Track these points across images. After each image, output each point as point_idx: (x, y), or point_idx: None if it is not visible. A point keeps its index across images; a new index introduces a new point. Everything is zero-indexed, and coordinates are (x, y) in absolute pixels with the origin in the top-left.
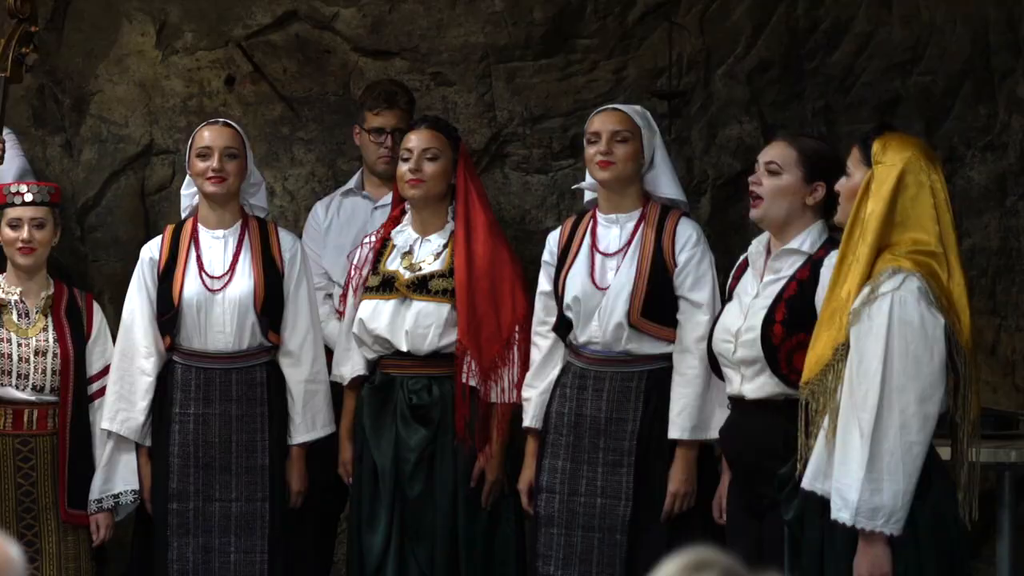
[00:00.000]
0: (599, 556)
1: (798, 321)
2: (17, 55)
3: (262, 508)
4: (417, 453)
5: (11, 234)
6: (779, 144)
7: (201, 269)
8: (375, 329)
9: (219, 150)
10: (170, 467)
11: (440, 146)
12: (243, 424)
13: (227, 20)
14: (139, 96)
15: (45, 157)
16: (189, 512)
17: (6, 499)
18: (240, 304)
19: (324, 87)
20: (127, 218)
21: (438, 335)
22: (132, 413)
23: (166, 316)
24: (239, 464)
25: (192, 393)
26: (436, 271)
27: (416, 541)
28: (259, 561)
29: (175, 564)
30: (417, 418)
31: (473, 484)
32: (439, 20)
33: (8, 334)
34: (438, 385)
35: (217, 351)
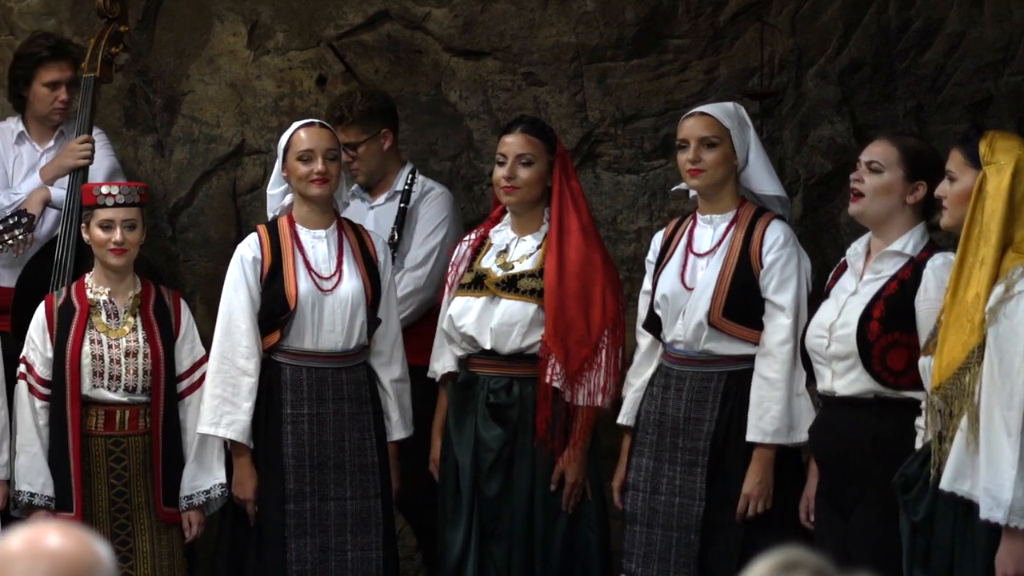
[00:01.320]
0: (676, 555)
1: (895, 320)
2: (107, 55)
3: (375, 505)
4: (495, 452)
5: (102, 235)
6: (881, 143)
7: (309, 269)
8: (462, 326)
9: (322, 152)
10: (285, 468)
11: (535, 151)
12: (354, 423)
13: (319, 20)
14: (230, 96)
15: (137, 157)
16: (306, 512)
17: (99, 499)
18: (352, 303)
19: (416, 87)
20: (218, 218)
21: (522, 335)
22: (238, 415)
23: (283, 316)
24: (352, 462)
25: (304, 393)
26: (526, 271)
27: (493, 540)
28: (375, 558)
29: (294, 565)
30: (495, 417)
31: (553, 487)
32: (531, 20)
33: (98, 335)
34: (520, 385)
35: (327, 351)
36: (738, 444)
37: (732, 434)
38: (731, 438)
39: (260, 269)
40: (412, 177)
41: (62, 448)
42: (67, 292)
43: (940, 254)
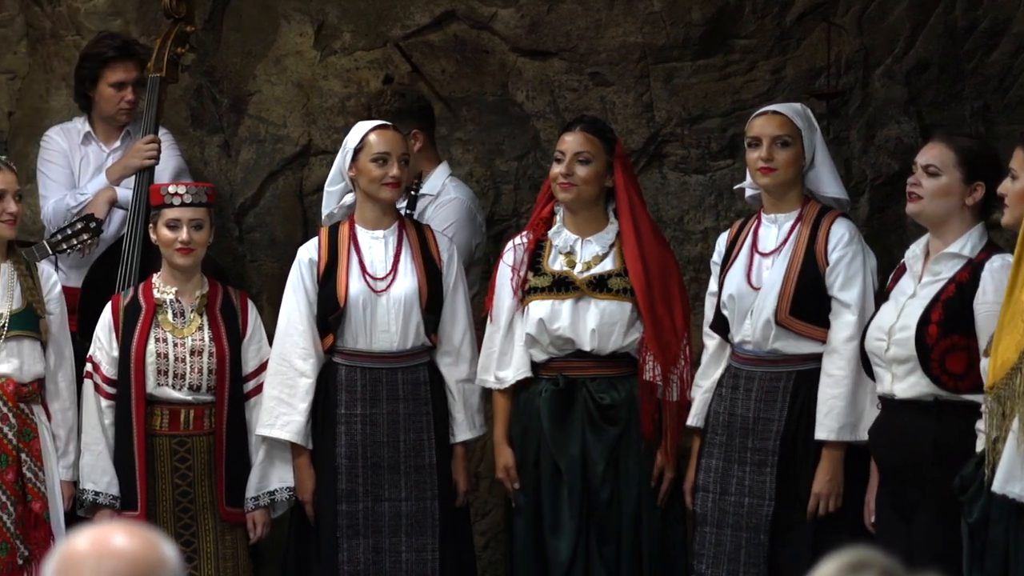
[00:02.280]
0: (746, 556)
1: (954, 323)
2: (172, 55)
3: (432, 507)
4: (607, 455)
5: (169, 235)
6: (936, 145)
7: (363, 270)
8: (557, 329)
9: (397, 156)
10: (338, 468)
11: (593, 149)
12: (410, 423)
13: (385, 20)
14: (297, 96)
15: (203, 157)
16: (359, 513)
17: (164, 499)
18: (405, 303)
19: (482, 87)
20: (285, 218)
21: (622, 334)
22: (293, 416)
23: (332, 317)
24: (407, 463)
25: (358, 394)
26: (611, 270)
27: (603, 543)
28: (430, 560)
29: (346, 566)
30: (606, 418)
31: (654, 483)
32: (597, 20)
33: (164, 334)
34: (621, 385)
35: (382, 351)
36: (807, 443)
37: (801, 433)
38: (800, 437)
39: (316, 270)
40: (418, 185)
41: (127, 447)
42: (134, 292)
43: (999, 256)
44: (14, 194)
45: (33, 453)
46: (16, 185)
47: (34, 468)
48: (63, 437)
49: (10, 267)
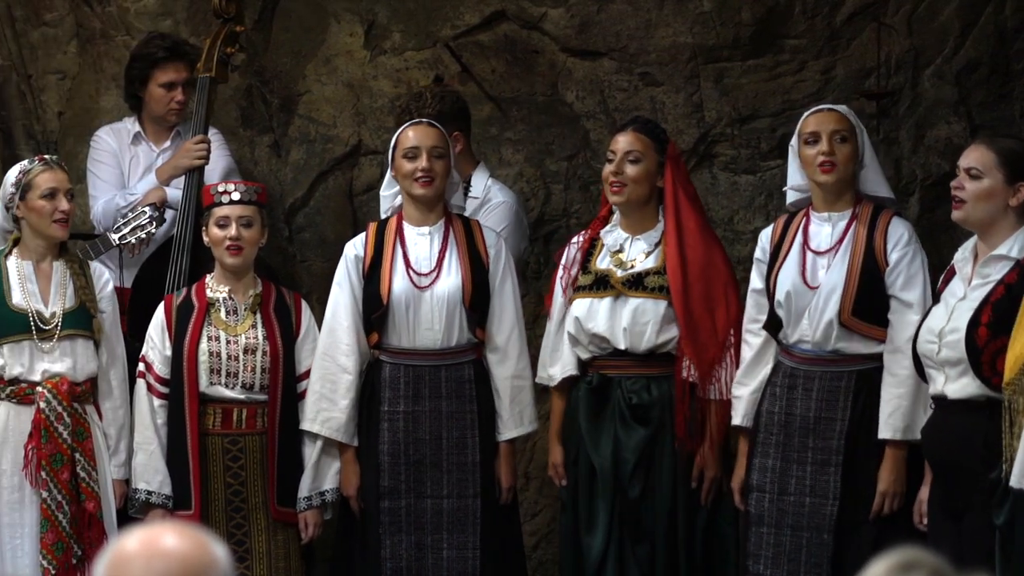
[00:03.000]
0: (807, 555)
1: (1003, 324)
2: (222, 55)
3: (474, 504)
4: (637, 453)
5: (219, 233)
6: (978, 148)
7: (408, 266)
8: (592, 327)
9: (427, 150)
10: (380, 465)
11: (643, 149)
12: (453, 421)
13: (435, 20)
14: (347, 96)
15: (253, 157)
16: (401, 510)
17: (216, 499)
18: (449, 300)
19: (532, 87)
20: (335, 218)
21: (655, 332)
22: (333, 412)
23: (375, 314)
24: (450, 461)
25: (401, 391)
26: (650, 268)
27: (636, 542)
28: (471, 557)
29: (388, 562)
30: (636, 418)
31: (694, 484)
32: (647, 20)
33: (216, 332)
34: (656, 384)
35: (426, 348)
36: (870, 442)
37: (863, 433)
38: (863, 437)
39: (362, 266)
40: (467, 188)
41: (180, 447)
42: (187, 291)
43: None
44: (66, 193)
45: (86, 452)
46: (68, 184)
47: (88, 467)
48: (115, 436)
49: (63, 266)
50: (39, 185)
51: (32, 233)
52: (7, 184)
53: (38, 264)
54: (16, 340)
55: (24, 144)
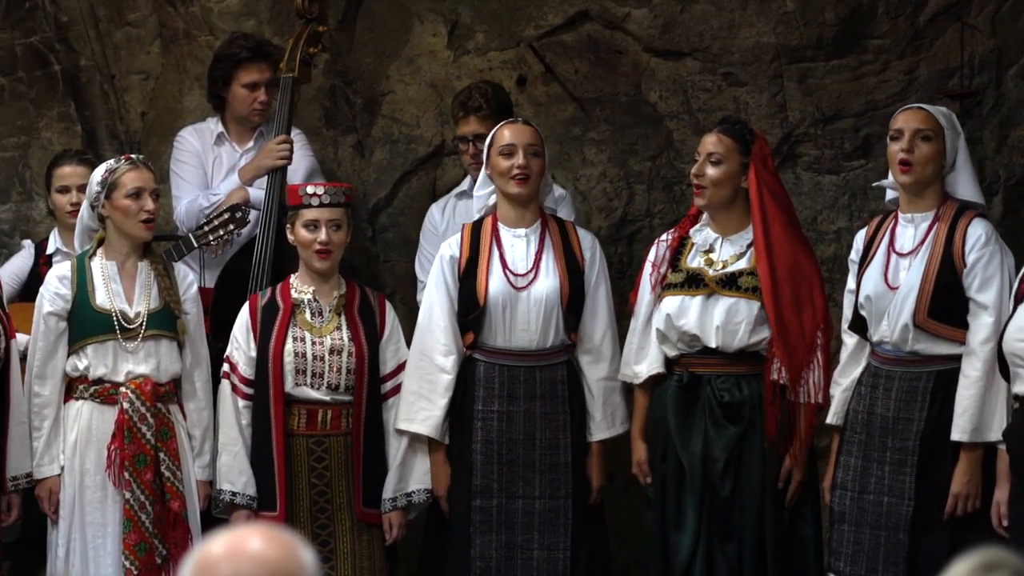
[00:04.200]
0: (884, 554)
1: None
2: (305, 55)
3: (565, 505)
4: (727, 452)
5: (307, 236)
6: None
7: (505, 267)
8: (683, 325)
9: (523, 147)
10: (473, 464)
11: (724, 150)
12: (547, 422)
13: (518, 20)
14: (430, 97)
15: (336, 158)
16: (492, 509)
17: (301, 499)
18: (546, 302)
19: (615, 87)
20: (418, 219)
21: (748, 332)
22: (432, 411)
23: (472, 315)
24: (543, 461)
25: (496, 390)
26: (744, 269)
27: (725, 540)
28: (562, 558)
29: (477, 561)
30: (727, 416)
31: (781, 484)
32: (730, 20)
33: (302, 333)
34: (745, 383)
35: (521, 349)
36: (946, 443)
37: (940, 434)
38: (939, 438)
39: (457, 266)
40: None
41: (265, 448)
42: (271, 292)
43: None
44: (151, 192)
45: (171, 452)
46: (153, 183)
47: (172, 467)
48: (199, 437)
49: (147, 267)
50: (125, 184)
51: (117, 233)
52: (93, 183)
53: (123, 264)
54: (100, 340)
55: (107, 144)
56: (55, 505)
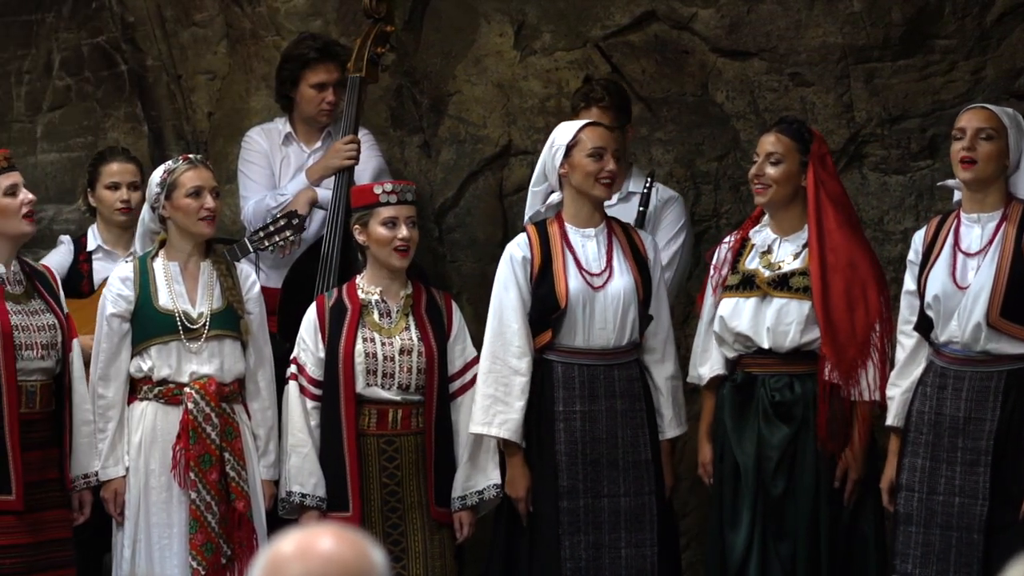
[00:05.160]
0: (956, 555)
1: None
2: (373, 55)
3: (649, 502)
4: (779, 451)
5: (386, 233)
6: None
7: (580, 267)
8: (736, 327)
9: (612, 152)
10: (558, 465)
11: (784, 150)
12: (627, 419)
13: (585, 21)
14: (497, 97)
15: (403, 158)
16: (579, 509)
17: (372, 499)
18: (623, 300)
19: (682, 88)
20: (485, 219)
21: (799, 332)
22: (510, 414)
23: (553, 315)
24: (626, 459)
25: (576, 391)
26: (796, 269)
27: (779, 539)
28: (649, 555)
29: (568, 563)
30: (780, 416)
31: (837, 484)
32: (797, 20)
33: (371, 334)
34: (799, 383)
35: (599, 348)
36: (1019, 443)
37: (1014, 433)
38: (1012, 437)
39: (530, 268)
40: (651, 181)
41: (336, 448)
42: (338, 293)
43: None
44: (211, 190)
45: (236, 452)
46: (213, 182)
47: (237, 467)
48: (264, 437)
49: (210, 267)
50: (184, 184)
51: (178, 233)
52: (152, 184)
53: (185, 265)
54: (164, 341)
55: (174, 144)
56: (120, 506)
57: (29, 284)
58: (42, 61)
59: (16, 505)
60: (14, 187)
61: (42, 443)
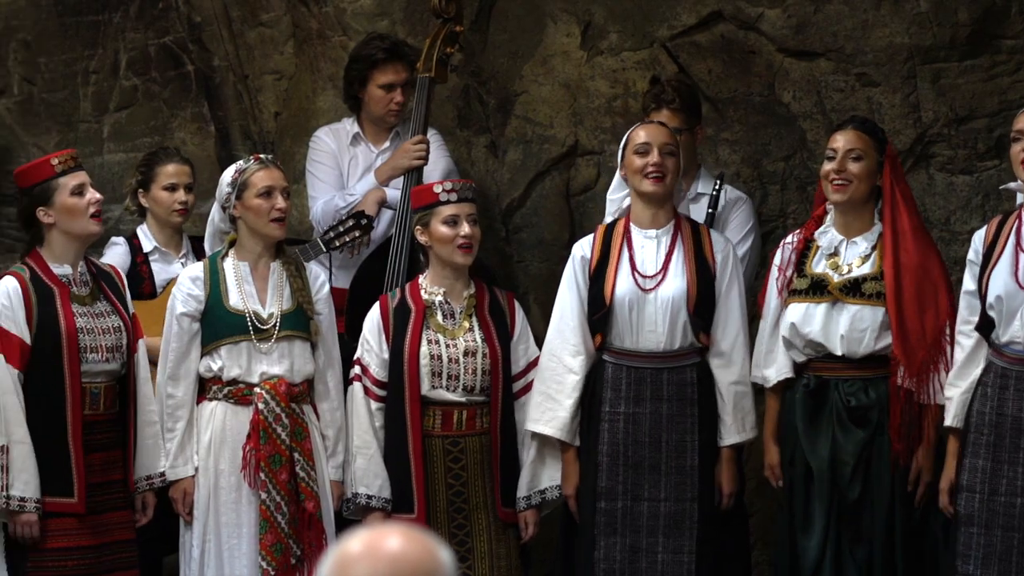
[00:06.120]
0: (1018, 556)
1: None
2: (442, 55)
3: (691, 508)
4: (855, 456)
5: (449, 232)
6: None
7: (633, 268)
8: (808, 333)
9: (658, 146)
10: (599, 466)
11: (865, 147)
12: (673, 424)
13: (652, 21)
14: (564, 97)
15: (470, 158)
16: (617, 511)
17: (438, 500)
18: (673, 304)
19: (749, 87)
20: (552, 219)
21: (873, 338)
22: (558, 412)
23: (598, 315)
24: (668, 464)
25: (622, 392)
26: (868, 274)
27: (854, 543)
28: (687, 562)
29: (601, 563)
30: (855, 420)
31: (910, 487)
32: (864, 20)
33: (435, 335)
34: (873, 387)
35: (648, 350)
36: None
37: None
38: None
39: (588, 267)
40: (720, 183)
41: (400, 449)
42: (401, 293)
43: None
44: (282, 191)
45: (305, 453)
46: (283, 182)
47: (307, 467)
48: (332, 437)
49: (280, 267)
50: (255, 184)
51: (249, 233)
52: (223, 184)
53: (255, 265)
54: (234, 341)
55: (241, 144)
56: (189, 506)
57: (95, 285)
58: (109, 61)
59: (78, 508)
60: (81, 187)
61: (105, 445)
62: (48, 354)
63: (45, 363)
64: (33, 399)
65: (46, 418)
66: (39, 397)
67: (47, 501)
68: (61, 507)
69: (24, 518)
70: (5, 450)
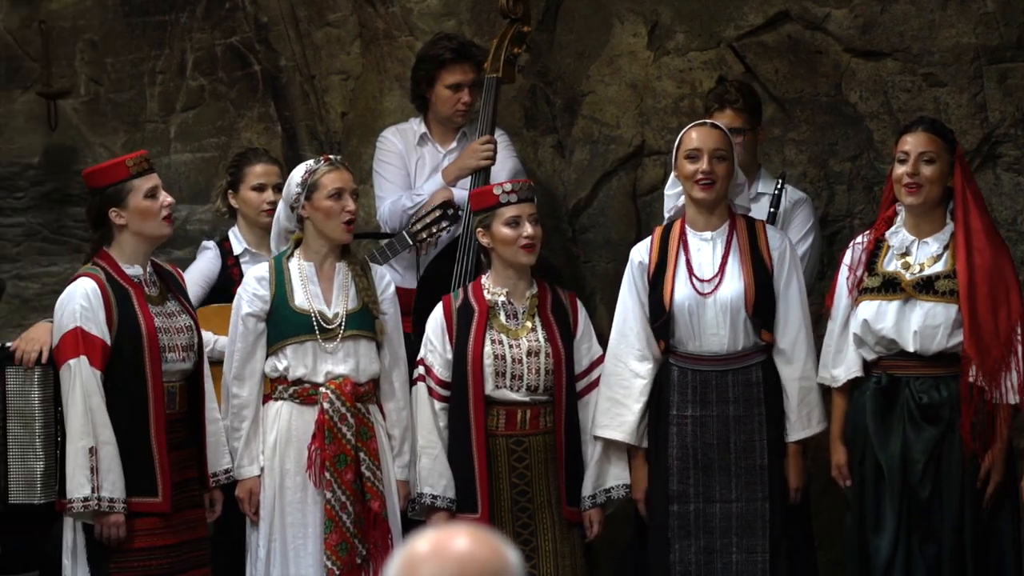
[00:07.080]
0: None
1: None
2: (509, 55)
3: (762, 507)
4: (926, 454)
5: (511, 232)
6: None
7: (691, 273)
8: (880, 330)
9: (708, 152)
10: (670, 469)
11: (936, 149)
12: (741, 425)
13: (719, 21)
14: (631, 97)
15: (536, 158)
16: (690, 514)
17: (502, 499)
18: (731, 306)
19: (815, 87)
20: (619, 219)
21: (946, 336)
22: (627, 416)
23: (659, 321)
24: (738, 465)
25: (689, 395)
26: (941, 272)
27: (925, 541)
28: (760, 561)
29: (677, 567)
30: (926, 418)
31: (979, 485)
32: (931, 21)
33: (498, 336)
34: (944, 385)
35: (712, 353)
36: None
37: None
38: None
39: (646, 273)
40: (782, 183)
41: (465, 449)
42: (464, 294)
43: None
44: (351, 192)
45: (371, 452)
46: (352, 184)
47: (372, 467)
48: (399, 437)
49: (346, 268)
50: (325, 185)
51: (315, 234)
52: (292, 183)
53: (320, 265)
54: (300, 341)
55: (308, 145)
56: (255, 506)
57: (163, 285)
58: (175, 61)
59: (164, 507)
60: (154, 189)
61: (180, 443)
62: (128, 355)
63: (125, 364)
64: (114, 399)
65: (128, 419)
66: (120, 397)
67: (132, 501)
68: (146, 507)
69: (112, 519)
70: (93, 452)
